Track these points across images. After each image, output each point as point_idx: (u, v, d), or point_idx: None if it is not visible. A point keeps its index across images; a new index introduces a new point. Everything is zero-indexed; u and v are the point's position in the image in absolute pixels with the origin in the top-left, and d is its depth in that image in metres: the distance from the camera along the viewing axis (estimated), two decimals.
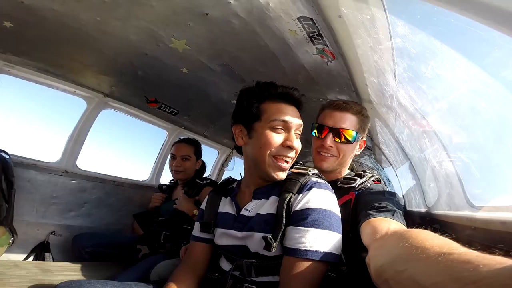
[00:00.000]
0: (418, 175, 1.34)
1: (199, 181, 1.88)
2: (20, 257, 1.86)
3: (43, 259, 1.90)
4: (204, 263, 1.08)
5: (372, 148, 2.31)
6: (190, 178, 1.99)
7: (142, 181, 2.70)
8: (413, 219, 1.03)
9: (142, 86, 2.11)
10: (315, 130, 1.19)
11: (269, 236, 0.83)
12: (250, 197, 0.99)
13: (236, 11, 1.26)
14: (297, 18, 1.24)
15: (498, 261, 0.31)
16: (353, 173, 1.18)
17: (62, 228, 2.07)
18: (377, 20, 1.02)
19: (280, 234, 0.83)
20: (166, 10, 1.32)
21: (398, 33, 0.98)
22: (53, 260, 1.91)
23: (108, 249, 1.90)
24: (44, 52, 1.67)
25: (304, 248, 0.78)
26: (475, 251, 0.38)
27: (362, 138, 1.20)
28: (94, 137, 2.20)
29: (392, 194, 1.02)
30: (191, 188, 1.90)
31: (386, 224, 0.79)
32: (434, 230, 0.52)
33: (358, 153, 1.22)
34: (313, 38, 1.34)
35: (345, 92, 1.62)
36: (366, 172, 1.16)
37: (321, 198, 0.85)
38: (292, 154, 0.93)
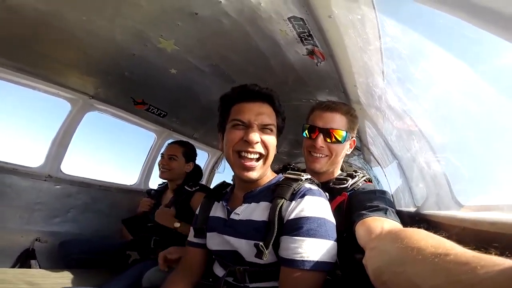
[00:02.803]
0: (406, 175, 1.36)
1: (187, 188, 1.84)
2: (5, 265, 1.77)
3: (29, 267, 1.81)
4: (200, 268, 1.07)
5: (361, 149, 2.34)
6: (181, 182, 1.93)
7: (130, 185, 2.63)
8: (403, 219, 1.05)
9: (129, 88, 2.05)
10: (306, 131, 1.20)
11: (261, 243, 0.81)
12: (241, 201, 0.98)
13: (226, 11, 1.25)
14: (288, 18, 1.24)
15: (495, 262, 0.31)
16: (345, 174, 1.19)
17: (47, 235, 1.98)
18: (367, 20, 1.02)
19: (272, 241, 0.82)
20: (155, 10, 1.29)
21: (388, 33, 0.99)
22: (40, 267, 1.83)
23: (96, 255, 1.84)
24: (23, 51, 1.59)
25: (301, 259, 0.77)
26: (471, 251, 0.37)
27: (352, 137, 1.22)
28: (79, 140, 2.12)
29: (383, 193, 1.04)
30: (179, 195, 1.86)
31: (380, 223, 0.80)
32: (425, 229, 0.52)
33: (348, 152, 1.24)
34: (303, 39, 1.34)
35: (334, 93, 1.63)
36: (358, 172, 1.17)
37: (315, 206, 0.84)
38: (254, 149, 0.91)
